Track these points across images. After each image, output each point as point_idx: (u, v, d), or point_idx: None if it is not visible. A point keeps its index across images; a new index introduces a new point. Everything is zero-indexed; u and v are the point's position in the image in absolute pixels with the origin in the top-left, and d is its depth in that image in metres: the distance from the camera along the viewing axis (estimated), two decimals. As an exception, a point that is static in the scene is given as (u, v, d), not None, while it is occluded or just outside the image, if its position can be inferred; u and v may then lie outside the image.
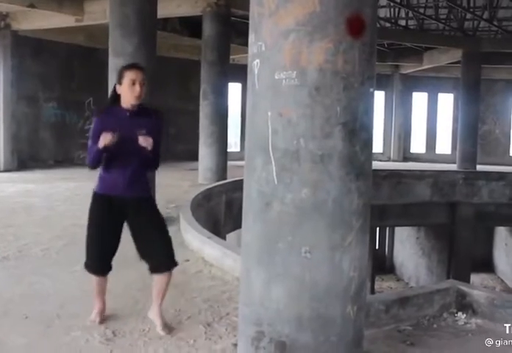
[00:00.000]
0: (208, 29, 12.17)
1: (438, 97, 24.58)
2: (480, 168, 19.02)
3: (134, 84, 3.55)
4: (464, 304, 4.26)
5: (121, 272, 4.46)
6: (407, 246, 21.35)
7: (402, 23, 20.26)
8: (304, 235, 2.57)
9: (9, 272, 5.19)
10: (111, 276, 3.92)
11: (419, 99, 24.84)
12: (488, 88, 22.25)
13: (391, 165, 21.05)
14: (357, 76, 2.55)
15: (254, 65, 2.64)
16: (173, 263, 3.75)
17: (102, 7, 11.80)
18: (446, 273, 17.80)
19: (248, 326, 2.74)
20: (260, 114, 2.64)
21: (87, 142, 3.68)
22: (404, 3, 18.36)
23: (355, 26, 2.51)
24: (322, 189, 2.54)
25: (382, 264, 21.83)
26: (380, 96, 23.95)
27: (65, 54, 15.98)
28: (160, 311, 3.82)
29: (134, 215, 3.72)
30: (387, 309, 3.96)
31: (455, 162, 19.70)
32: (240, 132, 20.55)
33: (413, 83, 24.26)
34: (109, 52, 7.77)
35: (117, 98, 3.64)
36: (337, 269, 2.60)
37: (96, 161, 3.61)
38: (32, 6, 12.38)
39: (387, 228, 21.87)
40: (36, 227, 7.19)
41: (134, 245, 3.75)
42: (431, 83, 24.03)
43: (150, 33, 7.88)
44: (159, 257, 3.71)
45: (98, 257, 3.77)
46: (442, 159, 23.01)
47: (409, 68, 23.44)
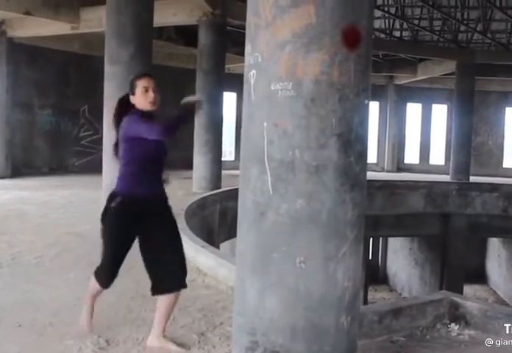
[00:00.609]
0: (204, 38, 12.20)
1: (432, 108, 24.68)
2: (473, 179, 19.10)
3: (147, 91, 3.56)
4: (457, 315, 4.26)
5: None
6: (401, 257, 21.36)
7: (397, 34, 20.42)
8: (298, 245, 2.57)
9: (2, 280, 5.16)
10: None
11: (413, 110, 24.92)
12: (481, 100, 22.34)
13: (385, 175, 21.09)
14: (353, 87, 2.57)
15: (251, 76, 2.65)
16: (185, 283, 3.67)
17: (98, 15, 11.81)
18: (439, 284, 17.81)
19: (242, 336, 2.74)
20: (255, 124, 2.65)
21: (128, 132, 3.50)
22: (399, 14, 18.53)
23: (351, 38, 2.53)
24: (317, 199, 2.55)
25: (376, 274, 21.84)
26: (374, 107, 24.03)
27: (61, 61, 15.95)
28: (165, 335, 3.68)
29: (153, 228, 3.58)
30: (380, 320, 3.95)
31: (449, 173, 19.76)
32: (234, 141, 20.49)
33: (407, 94, 24.35)
34: (105, 60, 7.81)
35: (129, 109, 3.59)
36: (331, 279, 2.60)
37: (176, 129, 3.45)
38: (28, 14, 12.37)
39: (380, 238, 21.89)
40: (30, 235, 7.14)
41: (143, 257, 3.62)
42: (425, 94, 24.13)
43: (146, 41, 7.92)
44: (175, 275, 3.61)
45: (112, 273, 3.64)
46: (435, 170, 23.06)
47: (403, 79, 23.54)
